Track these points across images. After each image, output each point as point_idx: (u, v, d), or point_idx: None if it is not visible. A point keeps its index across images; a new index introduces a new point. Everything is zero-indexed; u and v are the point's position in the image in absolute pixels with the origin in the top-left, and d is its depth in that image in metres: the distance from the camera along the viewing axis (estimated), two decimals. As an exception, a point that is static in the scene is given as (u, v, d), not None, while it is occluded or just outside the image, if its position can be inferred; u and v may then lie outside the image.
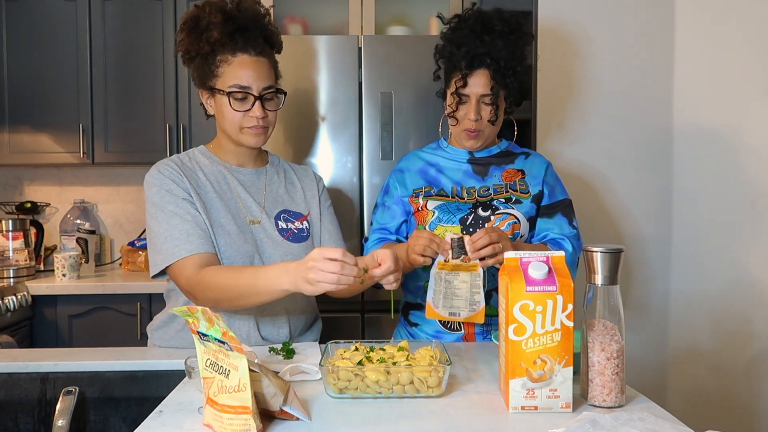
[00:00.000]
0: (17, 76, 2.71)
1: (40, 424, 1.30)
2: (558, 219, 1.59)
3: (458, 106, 1.54)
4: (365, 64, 2.26)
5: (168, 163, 1.46)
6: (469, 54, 1.50)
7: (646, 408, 1.04)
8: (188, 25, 1.44)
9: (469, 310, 1.38)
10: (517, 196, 1.57)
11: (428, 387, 1.08)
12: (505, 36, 1.51)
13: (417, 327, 1.60)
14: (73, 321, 2.49)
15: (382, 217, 1.64)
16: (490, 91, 1.51)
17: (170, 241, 1.36)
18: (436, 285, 1.40)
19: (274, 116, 1.49)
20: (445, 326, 1.56)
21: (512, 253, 1.07)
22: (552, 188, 1.62)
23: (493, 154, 1.64)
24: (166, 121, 2.71)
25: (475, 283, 1.38)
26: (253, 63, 1.43)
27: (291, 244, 1.51)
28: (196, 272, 1.33)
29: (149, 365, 1.33)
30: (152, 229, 1.40)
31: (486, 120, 1.53)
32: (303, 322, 1.56)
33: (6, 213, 3.00)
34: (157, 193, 1.40)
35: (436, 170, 1.62)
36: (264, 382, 0.94)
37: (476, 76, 1.51)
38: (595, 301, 1.07)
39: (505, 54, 1.50)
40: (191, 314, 0.92)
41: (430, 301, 1.41)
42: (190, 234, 1.36)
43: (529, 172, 1.61)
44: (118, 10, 2.71)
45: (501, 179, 1.60)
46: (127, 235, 3.06)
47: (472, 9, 1.58)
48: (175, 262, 1.35)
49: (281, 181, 1.59)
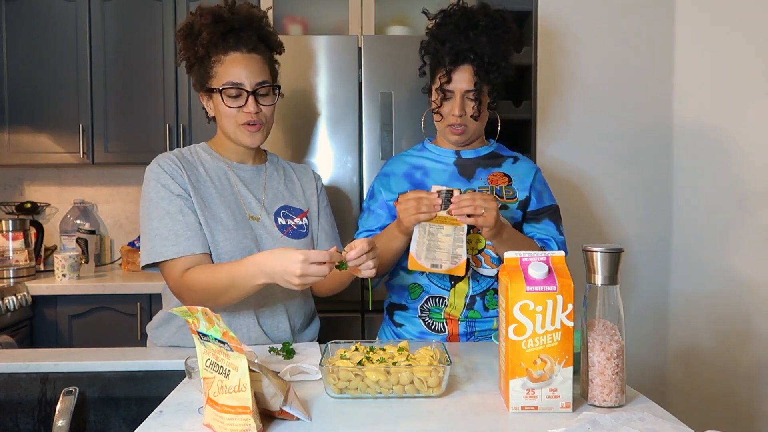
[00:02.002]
0: (17, 76, 2.71)
1: (40, 424, 1.30)
2: (545, 224, 1.59)
3: (443, 101, 1.56)
4: (365, 64, 2.26)
5: (169, 156, 1.47)
6: (453, 50, 1.51)
7: (646, 408, 1.04)
8: (183, 32, 1.46)
9: (451, 262, 1.38)
10: (503, 201, 1.57)
11: (428, 387, 1.08)
12: (490, 31, 1.52)
13: (402, 327, 1.61)
14: (73, 321, 2.49)
15: (367, 221, 1.63)
16: (473, 87, 1.52)
17: (159, 240, 1.38)
18: (420, 237, 1.41)
19: (271, 111, 1.49)
20: (430, 327, 1.57)
21: (512, 253, 1.07)
22: (540, 194, 1.61)
23: (480, 156, 1.63)
24: (166, 121, 2.71)
25: (458, 236, 1.40)
26: (245, 59, 1.44)
27: (290, 240, 1.51)
28: (180, 276, 1.37)
29: (149, 365, 1.33)
30: (144, 223, 1.43)
31: (469, 115, 1.54)
32: (302, 315, 1.57)
33: (6, 213, 3.00)
34: (153, 187, 1.42)
35: (421, 173, 1.62)
36: (264, 382, 0.94)
37: (460, 71, 1.52)
38: (595, 301, 1.07)
39: (489, 50, 1.51)
40: (191, 314, 0.92)
41: (413, 253, 1.41)
42: (178, 235, 1.38)
43: (517, 177, 1.61)
44: (118, 10, 2.71)
45: (487, 182, 1.59)
46: (127, 235, 3.06)
47: (457, 4, 1.59)
48: (161, 261, 1.38)
49: (281, 177, 1.60)
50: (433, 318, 1.57)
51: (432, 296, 1.56)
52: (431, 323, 1.57)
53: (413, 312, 1.58)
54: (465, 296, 1.54)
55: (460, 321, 1.55)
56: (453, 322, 1.55)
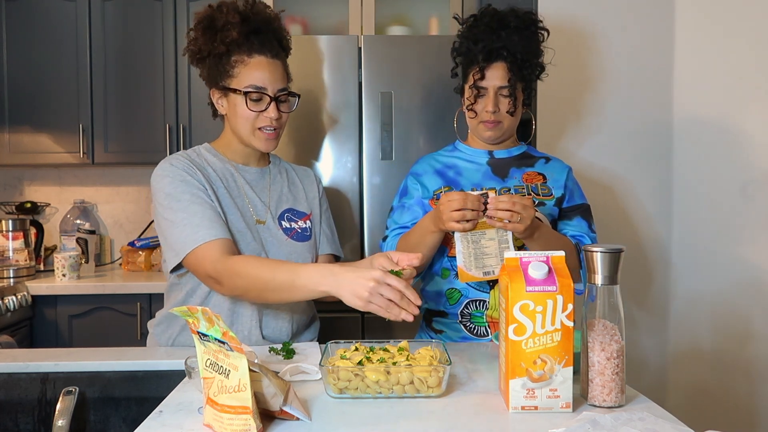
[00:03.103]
0: (17, 76, 2.71)
1: (40, 424, 1.30)
2: (577, 221, 1.59)
3: (476, 99, 1.56)
4: (365, 64, 2.26)
5: (178, 157, 1.45)
6: (486, 48, 1.53)
7: (646, 408, 1.04)
8: (203, 24, 1.44)
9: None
10: (539, 198, 1.57)
11: (428, 387, 1.08)
12: (521, 31, 1.54)
13: (442, 334, 1.58)
14: (73, 321, 2.49)
15: (401, 217, 1.61)
16: (507, 83, 1.53)
17: (190, 227, 1.33)
18: (464, 248, 1.38)
19: (286, 119, 1.50)
20: (471, 332, 1.54)
21: (512, 253, 1.07)
22: (572, 192, 1.62)
23: (513, 156, 1.64)
24: (166, 121, 2.71)
25: (503, 238, 1.37)
26: (270, 65, 1.44)
27: (295, 243, 1.51)
28: (223, 257, 1.30)
29: (149, 365, 1.32)
30: (168, 219, 1.36)
31: (504, 111, 1.55)
32: (304, 320, 1.57)
33: (6, 213, 3.00)
34: (170, 183, 1.38)
35: (454, 172, 1.61)
36: (264, 382, 0.94)
37: (493, 68, 1.53)
38: (595, 301, 1.07)
39: (521, 47, 1.52)
40: (191, 314, 0.92)
41: (462, 266, 1.38)
42: (212, 220, 1.34)
43: (551, 176, 1.61)
44: (118, 10, 2.71)
45: (522, 181, 1.59)
46: (127, 235, 3.06)
47: (488, 7, 1.60)
48: (197, 246, 1.31)
49: (284, 180, 1.60)
50: (475, 322, 1.53)
51: (472, 300, 1.53)
52: (473, 327, 1.54)
53: (453, 318, 1.55)
54: None
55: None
56: (496, 324, 1.51)
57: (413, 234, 1.50)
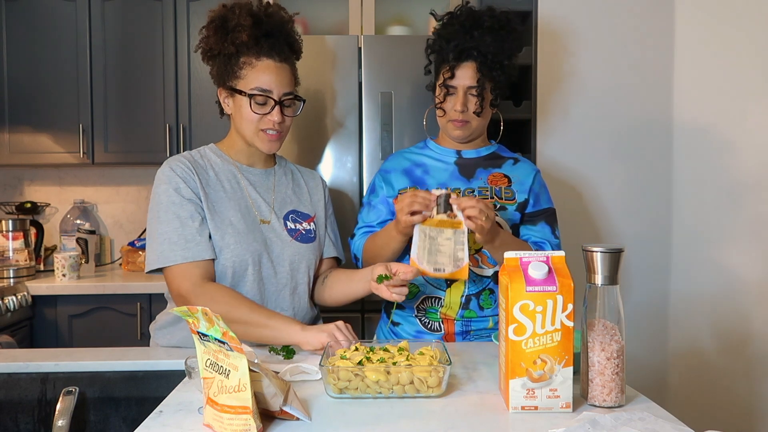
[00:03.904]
0: (17, 76, 2.71)
1: (40, 424, 1.30)
2: (541, 226, 1.61)
3: (446, 97, 1.58)
4: (365, 64, 2.26)
5: (180, 159, 1.47)
6: (458, 47, 1.54)
7: (646, 408, 1.04)
8: (215, 23, 1.45)
9: (453, 266, 1.38)
10: (501, 203, 1.58)
11: (428, 387, 1.08)
12: (494, 31, 1.55)
13: (399, 326, 1.62)
14: (73, 321, 2.49)
15: (368, 216, 1.66)
16: (476, 83, 1.54)
17: (167, 244, 1.37)
18: (421, 241, 1.41)
19: (291, 122, 1.51)
20: (426, 327, 1.58)
21: (512, 253, 1.07)
22: (537, 196, 1.63)
23: (481, 156, 1.65)
24: (166, 121, 2.71)
25: (459, 239, 1.39)
26: (277, 68, 1.45)
27: (299, 245, 1.52)
28: (201, 283, 1.36)
29: (149, 365, 1.33)
30: (153, 225, 1.42)
31: (471, 111, 1.56)
32: (306, 320, 1.57)
33: (6, 213, 3.00)
34: (165, 191, 1.41)
35: (422, 170, 1.63)
36: (264, 382, 0.94)
37: (463, 68, 1.55)
38: (595, 301, 1.07)
39: (492, 48, 1.53)
40: (191, 314, 0.92)
41: (414, 257, 1.41)
42: (188, 240, 1.38)
43: (516, 179, 1.62)
44: (118, 10, 2.71)
45: (486, 182, 1.60)
46: (127, 235, 3.06)
47: (464, 6, 1.62)
48: (169, 266, 1.37)
49: (289, 182, 1.61)
50: (429, 317, 1.57)
51: (428, 296, 1.56)
52: (427, 322, 1.58)
53: (410, 311, 1.59)
54: (461, 296, 1.54)
55: (456, 320, 1.55)
56: (449, 321, 1.56)
57: (379, 237, 1.55)
